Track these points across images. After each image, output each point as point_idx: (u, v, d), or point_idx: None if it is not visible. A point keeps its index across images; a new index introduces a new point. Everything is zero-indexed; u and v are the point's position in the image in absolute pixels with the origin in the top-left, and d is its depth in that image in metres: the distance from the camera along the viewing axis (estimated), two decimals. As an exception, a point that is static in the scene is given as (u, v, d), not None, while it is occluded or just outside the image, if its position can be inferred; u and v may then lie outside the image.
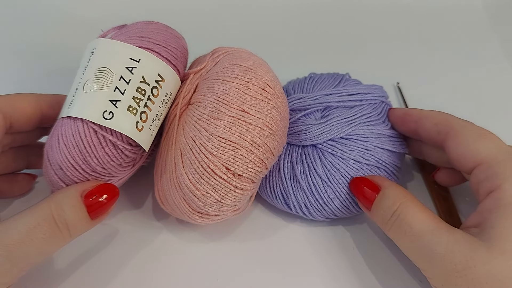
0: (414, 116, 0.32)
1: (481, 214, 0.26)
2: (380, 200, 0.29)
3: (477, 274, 0.23)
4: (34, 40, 0.48)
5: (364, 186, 0.30)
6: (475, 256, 0.24)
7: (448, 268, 0.24)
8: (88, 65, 0.28)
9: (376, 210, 0.29)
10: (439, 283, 0.25)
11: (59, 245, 0.26)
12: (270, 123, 0.28)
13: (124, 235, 0.33)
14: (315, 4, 0.53)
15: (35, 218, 0.25)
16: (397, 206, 0.27)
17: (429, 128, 0.31)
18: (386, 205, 0.28)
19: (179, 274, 0.31)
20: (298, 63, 0.47)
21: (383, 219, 0.28)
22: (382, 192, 0.29)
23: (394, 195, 0.28)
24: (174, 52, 0.30)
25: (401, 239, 0.27)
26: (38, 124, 0.31)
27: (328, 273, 0.31)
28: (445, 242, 0.25)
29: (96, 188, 0.27)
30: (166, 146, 0.30)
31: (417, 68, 0.47)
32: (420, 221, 0.26)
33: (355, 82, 0.37)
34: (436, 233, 0.25)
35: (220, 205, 0.29)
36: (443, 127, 0.30)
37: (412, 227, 0.26)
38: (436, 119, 0.30)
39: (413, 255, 0.27)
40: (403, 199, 0.27)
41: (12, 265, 0.24)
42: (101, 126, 0.27)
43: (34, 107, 0.30)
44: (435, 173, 0.34)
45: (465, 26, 0.52)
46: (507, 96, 0.44)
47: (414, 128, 0.32)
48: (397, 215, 0.27)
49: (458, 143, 0.28)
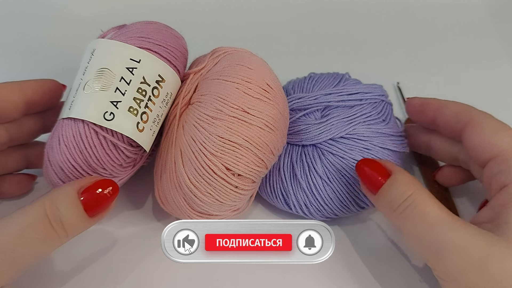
0: (433, 105, 0.32)
1: (493, 210, 0.26)
2: (390, 185, 0.27)
3: (493, 270, 0.23)
4: (34, 40, 0.48)
5: (372, 168, 0.28)
6: (493, 251, 0.23)
7: (465, 261, 0.24)
8: (88, 66, 0.28)
9: (384, 194, 0.27)
10: (449, 276, 0.25)
11: (55, 245, 0.25)
12: (270, 123, 0.28)
13: (124, 235, 0.33)
14: (315, 4, 0.53)
15: (28, 217, 0.24)
16: (410, 193, 0.26)
17: (448, 116, 0.30)
18: (397, 191, 0.26)
19: (180, 274, 0.31)
20: (298, 63, 0.46)
21: (392, 204, 0.27)
22: (394, 177, 0.27)
23: (408, 181, 0.27)
24: (174, 52, 0.30)
25: (411, 227, 0.26)
26: (25, 111, 0.31)
27: (327, 272, 0.31)
28: (462, 235, 0.24)
29: (94, 184, 0.26)
30: (166, 146, 0.30)
31: (417, 68, 0.47)
32: (435, 211, 0.25)
33: (355, 81, 0.37)
34: (453, 225, 0.24)
35: (220, 205, 0.29)
36: (463, 116, 0.29)
37: (426, 216, 0.25)
38: (456, 108, 0.30)
39: (423, 244, 0.26)
40: (417, 187, 0.26)
41: (5, 266, 0.23)
42: (102, 127, 0.27)
43: (17, 93, 0.30)
44: (437, 172, 0.34)
45: (465, 25, 0.52)
46: (508, 96, 0.44)
47: (432, 116, 0.32)
48: (410, 201, 0.26)
49: (477, 132, 0.28)
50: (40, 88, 0.31)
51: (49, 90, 0.31)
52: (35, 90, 0.31)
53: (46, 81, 0.31)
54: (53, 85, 0.32)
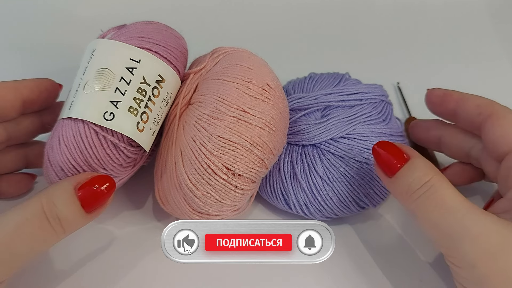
0: (455, 96, 0.32)
1: (511, 201, 0.26)
2: (409, 169, 0.27)
3: (510, 259, 0.23)
4: (34, 40, 0.48)
5: (390, 151, 0.28)
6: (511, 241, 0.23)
7: (483, 248, 0.23)
8: (88, 66, 0.28)
9: (401, 178, 0.27)
10: (463, 261, 0.24)
11: (52, 241, 0.25)
12: (270, 123, 0.28)
13: (124, 235, 0.33)
14: (315, 4, 0.53)
15: (24, 213, 0.24)
16: (429, 177, 0.26)
17: (470, 108, 0.30)
18: (416, 175, 0.26)
19: (180, 274, 0.31)
20: (298, 63, 0.46)
21: (409, 188, 0.26)
22: (412, 161, 0.27)
23: (426, 166, 0.27)
24: (174, 52, 0.30)
25: (429, 212, 0.26)
26: (22, 110, 0.31)
27: (327, 272, 0.31)
28: (482, 222, 0.24)
29: (91, 180, 0.26)
30: (166, 146, 0.30)
31: (417, 68, 0.47)
32: (455, 197, 0.25)
33: (355, 81, 0.37)
34: (473, 211, 0.24)
35: (220, 205, 0.29)
36: (485, 109, 0.29)
37: (445, 201, 0.25)
38: (478, 101, 0.30)
39: (439, 230, 0.25)
40: (436, 172, 0.26)
41: (1, 263, 0.23)
42: (102, 127, 0.27)
43: (13, 92, 0.30)
44: (446, 169, 0.34)
45: (465, 25, 0.52)
46: (508, 96, 0.44)
47: (453, 108, 0.32)
48: (429, 185, 0.26)
49: (499, 125, 0.28)
50: (37, 87, 0.31)
51: (46, 89, 0.32)
52: (31, 89, 0.31)
53: (42, 81, 0.32)
54: (50, 84, 0.32)
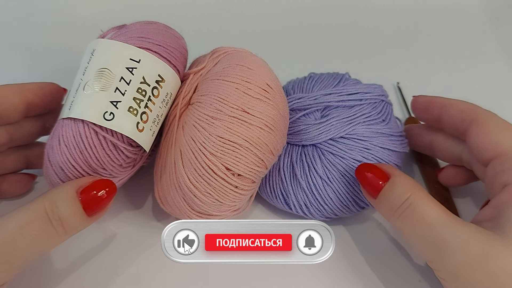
0: (439, 103, 0.32)
1: (495, 208, 0.26)
2: (390, 188, 0.28)
3: (493, 267, 0.23)
4: (34, 40, 0.48)
5: (372, 173, 0.29)
6: (491, 250, 0.23)
7: (463, 260, 0.24)
8: (88, 66, 0.28)
9: (383, 197, 0.28)
10: (449, 275, 0.25)
11: (54, 243, 0.25)
12: (270, 123, 0.28)
13: (124, 235, 0.33)
14: (315, 4, 0.53)
15: (27, 215, 0.24)
16: (409, 195, 0.26)
17: (453, 114, 0.31)
18: (396, 193, 0.27)
19: (180, 274, 0.31)
20: (298, 63, 0.46)
21: (391, 207, 0.27)
22: (392, 180, 0.28)
23: (406, 183, 0.27)
24: (174, 52, 0.30)
25: (411, 229, 0.26)
26: (26, 113, 0.31)
27: (327, 272, 0.31)
28: (461, 234, 0.24)
29: (93, 184, 0.26)
30: (166, 146, 0.30)
31: (417, 68, 0.47)
32: (433, 212, 0.25)
33: (355, 81, 0.37)
34: (451, 224, 0.25)
35: (220, 205, 0.29)
36: (468, 115, 0.30)
37: (424, 217, 0.25)
38: (461, 107, 0.30)
39: (423, 245, 0.26)
40: (415, 189, 0.27)
41: (4, 263, 0.24)
42: (102, 127, 0.27)
43: (18, 95, 0.30)
44: (439, 172, 0.34)
45: (465, 26, 0.52)
46: (507, 96, 0.44)
47: (437, 114, 0.32)
48: (408, 203, 0.26)
49: (481, 131, 0.28)
50: (41, 91, 0.31)
51: (50, 93, 0.32)
52: (36, 92, 0.31)
53: (47, 84, 0.32)
54: (54, 88, 0.32)
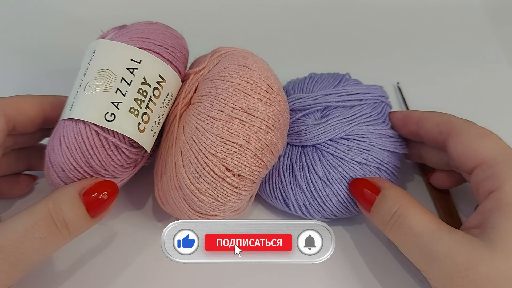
0: (415, 118, 0.32)
1: (481, 215, 0.26)
2: (380, 202, 0.29)
3: (479, 275, 0.23)
4: (34, 40, 0.48)
5: (364, 187, 0.30)
6: (477, 257, 0.24)
7: (450, 269, 0.24)
8: (89, 67, 0.28)
9: (375, 211, 0.29)
10: (440, 283, 0.25)
11: (59, 245, 0.26)
12: (270, 123, 0.28)
13: (125, 235, 0.33)
14: (315, 4, 0.53)
15: (32, 217, 0.25)
16: (397, 207, 0.27)
17: (430, 128, 0.31)
18: (386, 206, 0.28)
19: (180, 274, 0.31)
20: (298, 63, 0.47)
21: (383, 220, 0.28)
22: (382, 194, 0.29)
23: (394, 196, 0.28)
24: (175, 52, 0.30)
25: (401, 240, 0.27)
26: (41, 126, 0.31)
27: (327, 272, 0.31)
28: (447, 243, 0.25)
29: (95, 186, 0.27)
30: (166, 147, 0.30)
31: (417, 68, 0.47)
32: (421, 222, 0.26)
33: (355, 82, 0.37)
34: (437, 234, 0.25)
35: (220, 206, 0.29)
36: (444, 127, 0.30)
37: (412, 228, 0.26)
38: (437, 119, 0.31)
39: (414, 256, 0.27)
40: (403, 200, 0.27)
41: (11, 267, 0.24)
42: (103, 128, 0.27)
43: (37, 109, 0.30)
44: (430, 175, 0.34)
45: (465, 26, 0.52)
46: (507, 96, 0.44)
47: (415, 129, 0.32)
48: (397, 216, 0.27)
49: (459, 142, 0.28)
50: (59, 105, 0.30)
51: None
52: (54, 106, 0.31)
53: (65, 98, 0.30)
54: None
